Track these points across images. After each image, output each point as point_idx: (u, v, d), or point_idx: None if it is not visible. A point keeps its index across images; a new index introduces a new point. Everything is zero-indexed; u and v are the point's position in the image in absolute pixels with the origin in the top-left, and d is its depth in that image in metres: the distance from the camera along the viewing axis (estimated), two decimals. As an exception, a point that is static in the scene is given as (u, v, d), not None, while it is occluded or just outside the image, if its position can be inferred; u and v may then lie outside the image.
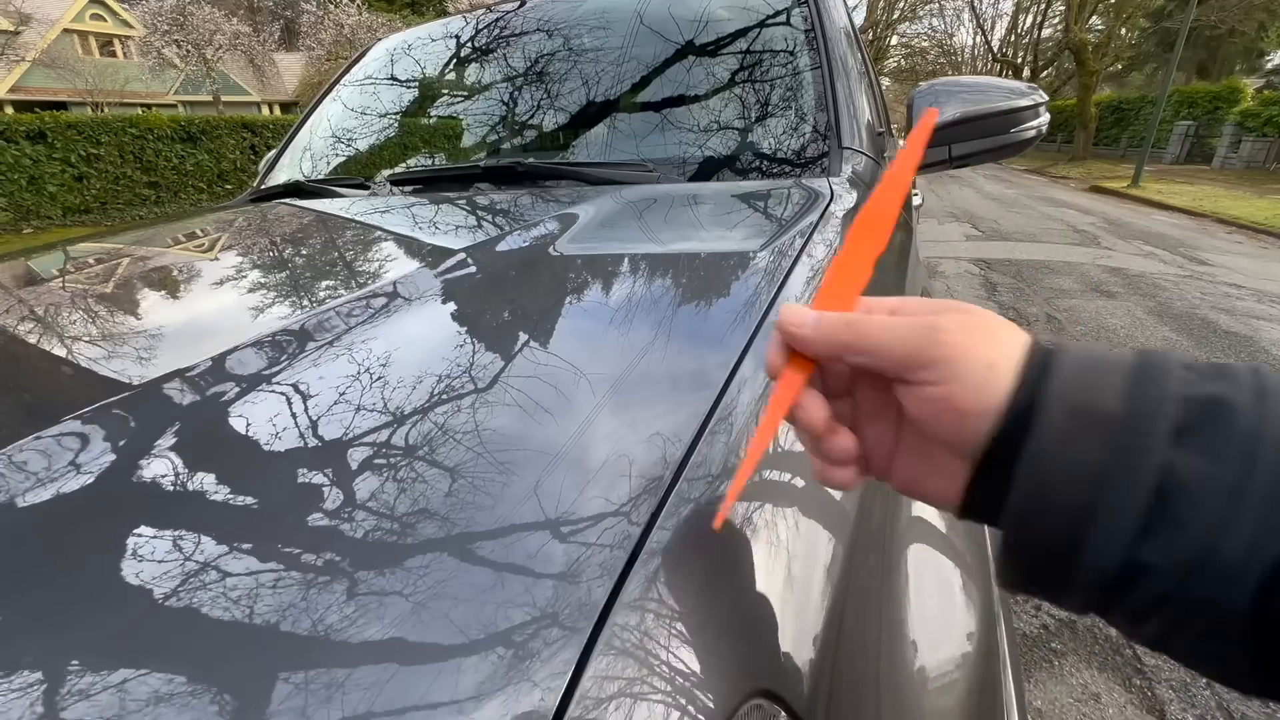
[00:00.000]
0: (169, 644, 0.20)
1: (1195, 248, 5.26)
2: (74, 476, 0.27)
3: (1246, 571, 0.16)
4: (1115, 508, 0.18)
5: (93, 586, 0.22)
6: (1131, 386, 0.19)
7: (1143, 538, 0.17)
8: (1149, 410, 0.18)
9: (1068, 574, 0.19)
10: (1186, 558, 0.17)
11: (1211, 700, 1.16)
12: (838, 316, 0.23)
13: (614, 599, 0.21)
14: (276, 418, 0.31)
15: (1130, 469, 0.18)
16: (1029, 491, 0.19)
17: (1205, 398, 0.18)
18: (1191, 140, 14.04)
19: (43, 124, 6.48)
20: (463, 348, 0.38)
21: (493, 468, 0.26)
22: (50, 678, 0.19)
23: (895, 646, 0.30)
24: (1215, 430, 0.17)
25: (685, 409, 0.30)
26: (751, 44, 0.97)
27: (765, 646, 0.23)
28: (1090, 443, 0.18)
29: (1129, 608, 0.18)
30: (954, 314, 0.22)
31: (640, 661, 0.19)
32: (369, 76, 1.35)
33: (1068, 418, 0.19)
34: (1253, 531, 0.16)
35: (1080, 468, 0.18)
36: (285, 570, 0.22)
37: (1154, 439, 0.18)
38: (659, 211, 0.69)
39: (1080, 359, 0.20)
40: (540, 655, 0.19)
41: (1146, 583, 0.17)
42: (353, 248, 0.67)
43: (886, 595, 0.31)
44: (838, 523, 0.30)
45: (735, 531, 0.25)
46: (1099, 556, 0.18)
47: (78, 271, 0.70)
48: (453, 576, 0.21)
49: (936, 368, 0.20)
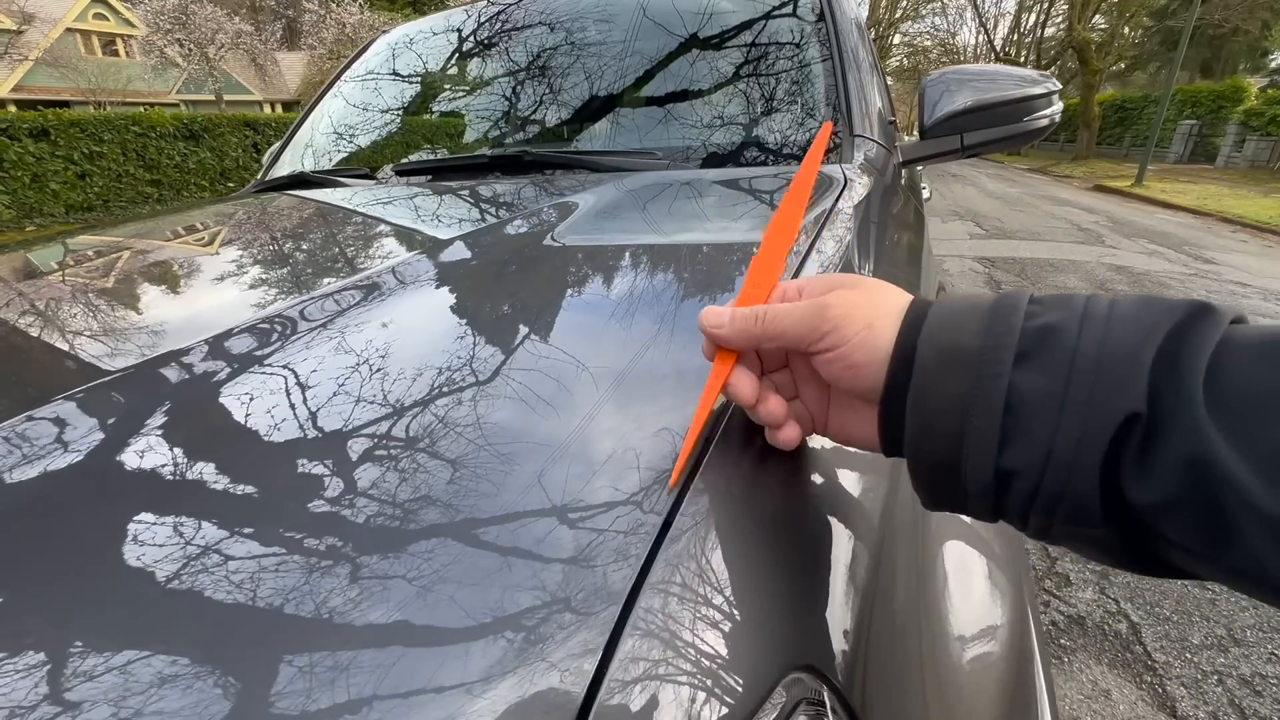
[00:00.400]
0: (171, 626, 0.19)
1: (1200, 246, 5.24)
2: (64, 455, 0.26)
3: (1082, 462, 0.19)
4: (979, 428, 0.21)
5: (87, 568, 0.21)
6: (986, 325, 0.22)
7: (1003, 449, 0.21)
8: (997, 343, 0.22)
9: (959, 489, 0.22)
10: (1035, 458, 0.20)
11: (1224, 696, 1.15)
12: (749, 312, 0.27)
13: (640, 582, 0.20)
14: (276, 401, 0.30)
15: (985, 393, 0.21)
16: (915, 424, 0.23)
17: (1040, 326, 0.22)
18: (1195, 139, 13.99)
19: (45, 121, 6.48)
20: (475, 336, 0.37)
21: (509, 454, 0.26)
22: (49, 660, 0.18)
23: (934, 628, 0.30)
24: (1046, 352, 0.21)
25: (685, 403, 0.29)
26: (762, 32, 0.96)
27: (804, 624, 0.22)
28: (956, 376, 0.22)
29: (1012, 509, 0.22)
30: (841, 290, 0.26)
31: (669, 642, 0.19)
32: (374, 68, 1.34)
33: (936, 357, 0.23)
34: (1078, 429, 0.20)
35: (950, 399, 0.22)
36: (289, 552, 0.21)
37: (1002, 365, 0.21)
38: (669, 199, 0.68)
39: (948, 307, 0.24)
40: (568, 637, 0.18)
41: (1014, 485, 0.21)
42: (358, 237, 0.66)
43: (923, 580, 0.31)
44: (866, 511, 0.30)
45: (763, 517, 0.25)
46: (975, 469, 0.22)
47: (80, 259, 0.69)
48: (470, 563, 0.20)
49: (828, 337, 0.25)
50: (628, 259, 0.50)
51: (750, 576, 0.22)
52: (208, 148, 7.91)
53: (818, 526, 0.26)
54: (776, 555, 0.23)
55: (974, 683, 0.30)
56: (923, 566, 0.31)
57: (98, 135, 6.83)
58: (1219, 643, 1.27)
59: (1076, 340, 0.21)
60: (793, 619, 0.22)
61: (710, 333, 0.28)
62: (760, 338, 0.27)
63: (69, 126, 6.61)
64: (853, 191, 0.66)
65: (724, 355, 0.28)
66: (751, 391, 0.27)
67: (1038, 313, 0.22)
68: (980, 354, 0.22)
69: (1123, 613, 1.36)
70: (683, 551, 0.21)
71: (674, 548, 0.21)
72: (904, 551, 0.30)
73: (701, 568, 0.21)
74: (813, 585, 0.23)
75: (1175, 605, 1.37)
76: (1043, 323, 0.22)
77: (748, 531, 0.23)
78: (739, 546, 0.23)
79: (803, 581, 0.23)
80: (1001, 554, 0.37)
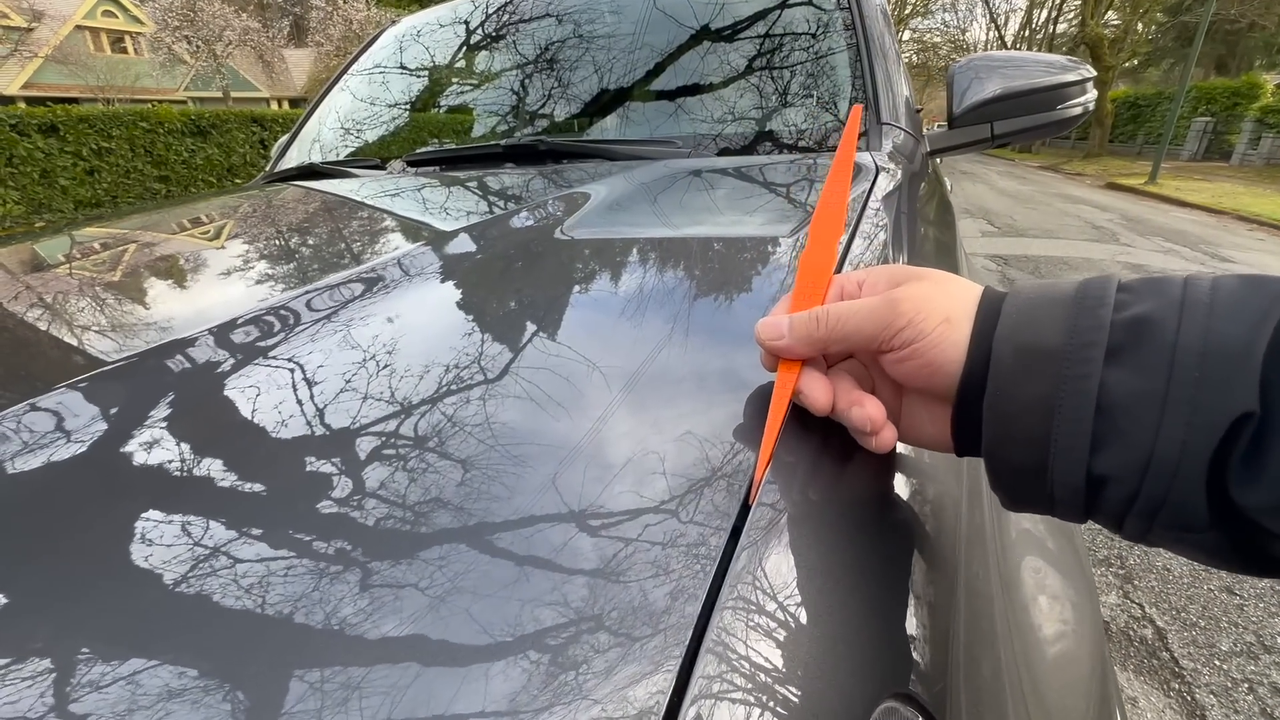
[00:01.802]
0: (170, 633, 0.17)
1: (1217, 245, 5.16)
2: (64, 445, 0.25)
3: (1187, 467, 0.18)
4: (1066, 431, 0.20)
5: (80, 566, 0.20)
6: (1070, 319, 0.21)
7: (1096, 452, 0.19)
8: (1085, 340, 0.20)
9: (1045, 493, 0.21)
10: (1133, 463, 0.19)
11: (1254, 705, 1.11)
12: (808, 316, 0.25)
13: (711, 603, 0.18)
14: (283, 395, 0.29)
15: (1074, 395, 0.20)
16: (995, 426, 0.21)
17: (1132, 318, 0.20)
18: (1209, 137, 13.79)
19: (54, 117, 6.50)
20: (486, 331, 0.35)
21: (528, 456, 0.24)
22: (45, 666, 0.16)
23: (1024, 643, 0.28)
24: (1141, 346, 0.19)
25: (751, 405, 0.27)
26: (786, 15, 0.93)
27: (892, 646, 0.20)
28: (1038, 377, 0.20)
29: (1107, 512, 0.20)
30: (911, 282, 0.24)
31: (749, 675, 0.16)
32: (382, 60, 1.32)
33: (1015, 357, 0.21)
34: (1182, 432, 0.18)
35: (1033, 401, 0.20)
36: (297, 556, 0.19)
37: (1091, 365, 0.20)
38: (693, 187, 0.65)
39: (1026, 299, 0.22)
40: (631, 662, 0.16)
41: (1109, 490, 0.20)
42: (368, 229, 0.64)
43: (1008, 602, 0.28)
44: (947, 519, 0.27)
45: (837, 530, 0.22)
46: (1064, 474, 0.20)
47: (87, 250, 0.68)
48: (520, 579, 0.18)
49: (902, 333, 0.23)
50: (648, 252, 0.48)
51: (831, 596, 0.19)
52: (215, 144, 7.92)
53: (897, 538, 0.24)
54: (856, 572, 0.21)
55: (1063, 704, 0.28)
56: (1007, 578, 0.29)
57: (106, 131, 6.85)
58: (1248, 649, 1.23)
59: (1175, 333, 0.19)
60: (880, 642, 0.20)
61: (770, 346, 0.26)
62: (825, 341, 0.25)
63: (78, 122, 6.64)
64: (883, 180, 0.63)
65: (787, 363, 0.26)
66: (826, 397, 0.25)
67: (1128, 302, 0.20)
68: (1065, 353, 0.20)
69: (1148, 618, 1.32)
70: (753, 569, 0.19)
71: (743, 565, 0.19)
72: (983, 562, 0.28)
73: (775, 588, 0.18)
74: (897, 604, 0.21)
75: (1202, 610, 1.34)
76: (1135, 314, 0.20)
77: (824, 546, 0.21)
78: (815, 563, 0.20)
79: (887, 600, 0.21)
80: (1070, 563, 0.34)
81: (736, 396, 0.27)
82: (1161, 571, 1.45)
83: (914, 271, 0.25)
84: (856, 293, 0.27)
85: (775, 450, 0.23)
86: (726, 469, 0.23)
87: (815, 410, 0.25)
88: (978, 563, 0.27)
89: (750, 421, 0.25)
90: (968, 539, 0.27)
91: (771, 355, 0.26)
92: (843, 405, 0.25)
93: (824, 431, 0.26)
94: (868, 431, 0.24)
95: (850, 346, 0.25)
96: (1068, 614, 0.32)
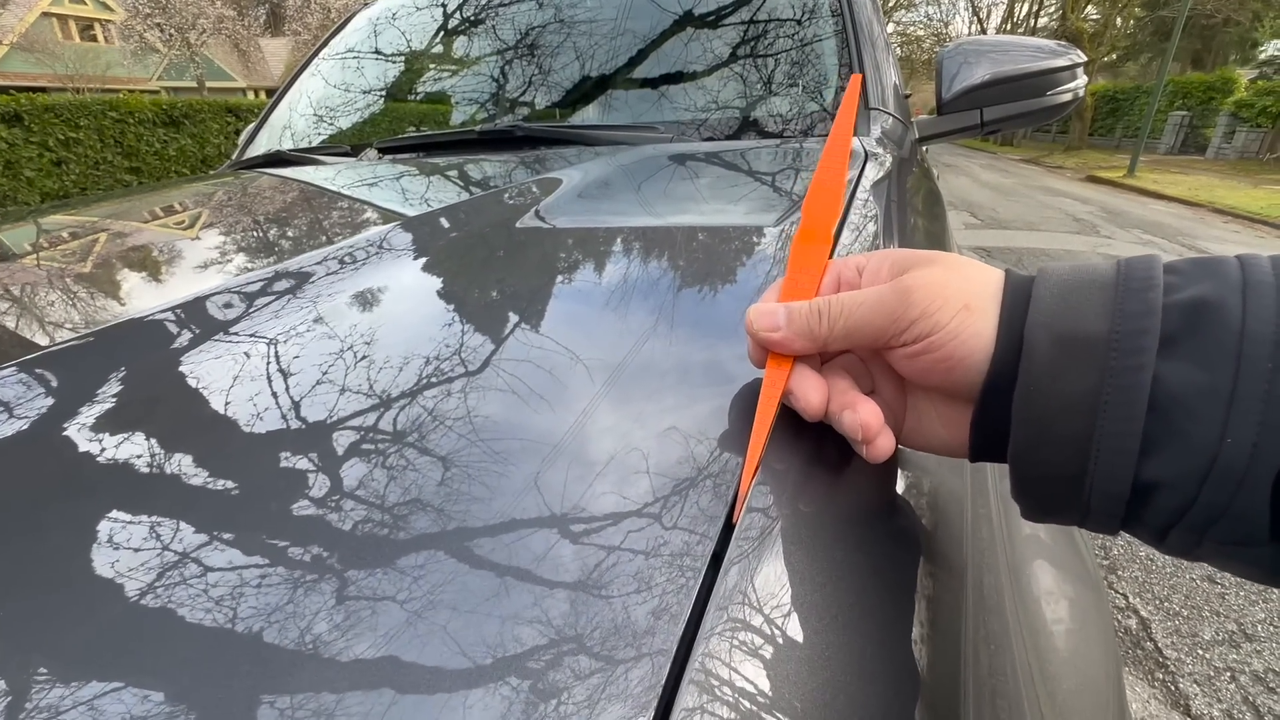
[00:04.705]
0: (118, 653, 0.15)
1: (1194, 237, 5.25)
2: (5, 430, 0.23)
3: (1256, 475, 0.16)
4: (1114, 432, 0.17)
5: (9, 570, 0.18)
6: (1114, 303, 0.18)
7: (1147, 456, 0.17)
8: (1135, 327, 0.17)
9: (1081, 501, 0.18)
10: (1192, 469, 0.16)
11: (1237, 694, 1.12)
12: (809, 308, 0.22)
13: (692, 628, 0.16)
14: (244, 389, 0.26)
15: (1123, 390, 0.17)
16: (1027, 427, 0.18)
17: (1189, 301, 0.17)
18: (1186, 131, 14.03)
19: (18, 106, 6.26)
20: (463, 322, 0.32)
21: (504, 453, 0.21)
22: None
23: (1037, 658, 0.26)
24: (1202, 334, 0.17)
25: (737, 406, 0.24)
26: (774, 2, 0.90)
27: (901, 675, 0.17)
28: (1080, 370, 0.18)
29: (1151, 523, 0.18)
30: (921, 267, 0.21)
31: (740, 691, 0.15)
32: (355, 44, 1.27)
33: (1054, 347, 0.18)
34: (1254, 434, 0.16)
35: (1074, 397, 0.18)
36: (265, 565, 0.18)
37: (1143, 355, 0.17)
38: (676, 174, 0.62)
39: (1060, 282, 0.19)
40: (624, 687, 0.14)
41: (1161, 498, 0.17)
42: (337, 217, 0.60)
43: (1020, 607, 0.26)
44: (953, 530, 0.25)
45: (828, 542, 0.20)
46: (1106, 481, 0.18)
47: (50, 238, 0.64)
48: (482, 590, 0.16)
49: (915, 325, 0.20)
50: (629, 240, 0.45)
51: (827, 617, 0.17)
52: (188, 134, 7.71)
53: (900, 547, 0.21)
54: (856, 590, 0.18)
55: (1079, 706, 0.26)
56: (1018, 583, 0.27)
57: (73, 121, 6.63)
58: (1230, 638, 1.24)
59: (1241, 319, 0.16)
60: (884, 667, 0.17)
61: (762, 337, 0.23)
62: (827, 338, 0.22)
63: (43, 112, 6.41)
64: (873, 166, 0.61)
65: (778, 358, 0.23)
66: (820, 398, 0.22)
67: (1179, 284, 0.18)
68: (1111, 340, 0.17)
69: (1132, 608, 1.33)
70: (742, 586, 0.17)
71: (732, 583, 0.17)
72: (993, 568, 0.26)
73: (765, 606, 0.16)
74: (902, 621, 0.19)
75: (1185, 600, 1.35)
76: (1190, 297, 0.17)
77: (817, 561, 0.18)
78: (808, 578, 0.18)
79: (892, 618, 0.19)
80: (1075, 561, 0.33)
81: (722, 392, 0.24)
82: (1145, 562, 1.46)
83: (922, 255, 0.22)
84: (856, 281, 0.24)
85: (763, 457, 0.21)
86: (710, 478, 0.20)
87: (807, 415, 0.22)
88: (987, 569, 0.25)
89: (735, 425, 0.23)
90: (974, 545, 0.25)
91: (760, 348, 0.23)
92: (834, 408, 0.22)
93: (817, 431, 0.23)
94: (860, 439, 0.21)
95: (855, 343, 0.22)
96: (1080, 615, 0.30)
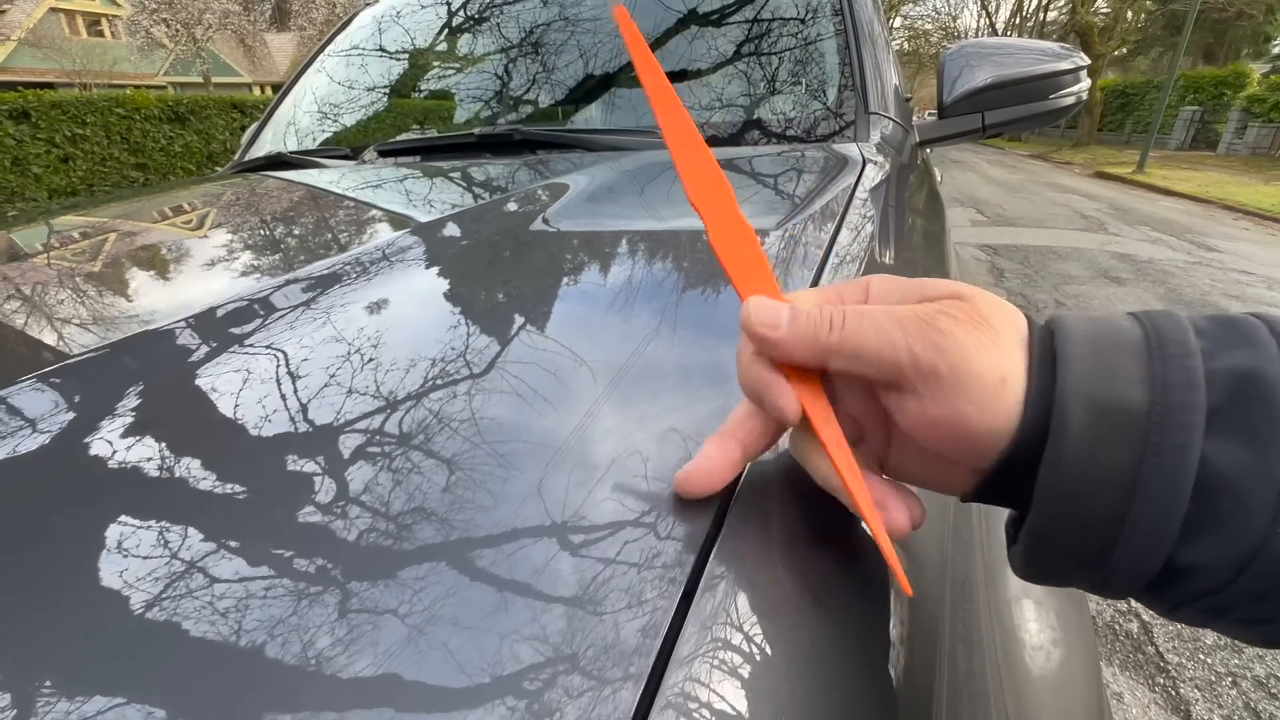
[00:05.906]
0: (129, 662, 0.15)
1: (1203, 234, 5.19)
2: (25, 442, 0.24)
3: None
4: (1153, 514, 0.16)
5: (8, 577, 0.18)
6: (1152, 370, 0.16)
7: (1186, 540, 0.16)
8: (1180, 400, 0.16)
9: (1097, 576, 0.17)
10: (1238, 554, 0.15)
11: (1238, 699, 1.12)
12: (818, 313, 0.19)
13: (667, 649, 0.16)
14: (249, 395, 0.27)
15: (1167, 469, 0.16)
16: (1054, 505, 0.17)
17: (1232, 373, 0.16)
18: (1196, 126, 13.86)
19: (26, 103, 6.29)
20: (467, 327, 0.33)
21: (507, 456, 0.22)
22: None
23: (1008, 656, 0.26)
24: (1251, 411, 0.15)
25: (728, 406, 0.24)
26: (773, 2, 0.89)
27: (882, 699, 0.18)
28: (1117, 444, 0.16)
29: (1169, 599, 0.17)
30: (947, 315, 0.18)
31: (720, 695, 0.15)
32: (359, 43, 1.27)
33: (1087, 417, 0.16)
34: None
35: (1108, 472, 0.16)
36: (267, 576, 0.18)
37: (1189, 433, 0.15)
38: (678, 179, 0.62)
39: (1088, 340, 0.17)
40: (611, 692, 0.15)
41: (1191, 581, 0.16)
42: (337, 221, 0.61)
43: (994, 610, 0.26)
44: (933, 552, 0.25)
45: (810, 568, 0.20)
46: (1137, 561, 0.16)
47: (56, 241, 0.64)
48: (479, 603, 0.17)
49: (939, 380, 0.17)
50: (631, 244, 0.45)
51: (807, 621, 0.17)
52: (194, 130, 7.73)
53: (881, 575, 0.21)
54: (837, 613, 0.18)
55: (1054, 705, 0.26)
56: (992, 591, 0.27)
57: (80, 117, 6.66)
58: (1232, 643, 1.24)
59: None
60: (865, 676, 0.18)
61: (759, 334, 0.20)
62: (829, 351, 0.19)
63: (50, 108, 6.44)
64: (870, 171, 0.61)
65: (804, 385, 0.20)
66: (794, 406, 0.20)
67: (1211, 351, 0.16)
68: (1154, 413, 0.16)
69: (1134, 611, 1.33)
70: (724, 596, 0.17)
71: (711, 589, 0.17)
72: (974, 572, 0.26)
73: (744, 617, 0.17)
74: (881, 650, 0.19)
75: (1186, 603, 1.34)
76: (1233, 368, 0.16)
77: (795, 576, 0.19)
78: (789, 589, 0.18)
79: (871, 645, 0.19)
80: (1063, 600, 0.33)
81: (724, 393, 0.25)
82: (1147, 564, 1.46)
83: (944, 285, 0.19)
84: (863, 299, 0.21)
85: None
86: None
87: (782, 419, 0.20)
88: (970, 569, 0.25)
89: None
90: (955, 546, 0.25)
91: (752, 349, 0.20)
92: None
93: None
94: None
95: (858, 367, 0.19)
96: (1058, 618, 0.30)
